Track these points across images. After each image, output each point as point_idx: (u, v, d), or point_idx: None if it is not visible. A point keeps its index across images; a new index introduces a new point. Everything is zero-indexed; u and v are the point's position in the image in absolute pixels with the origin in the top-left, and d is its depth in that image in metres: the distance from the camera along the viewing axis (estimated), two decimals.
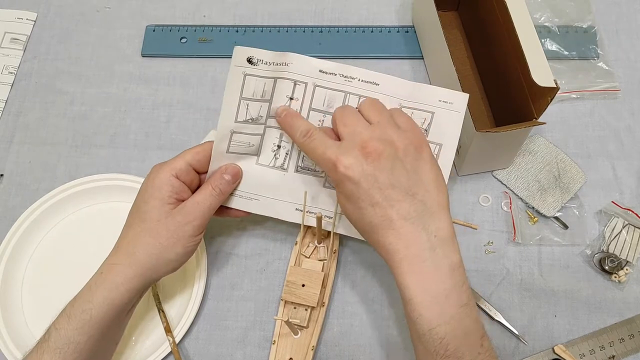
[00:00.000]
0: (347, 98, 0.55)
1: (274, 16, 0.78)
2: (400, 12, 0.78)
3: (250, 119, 0.56)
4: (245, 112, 0.55)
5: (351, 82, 0.55)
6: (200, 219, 0.54)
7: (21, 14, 0.79)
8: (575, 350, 0.58)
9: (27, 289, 0.63)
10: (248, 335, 0.61)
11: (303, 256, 0.62)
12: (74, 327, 0.49)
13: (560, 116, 0.70)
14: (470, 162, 0.64)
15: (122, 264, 0.52)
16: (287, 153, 0.57)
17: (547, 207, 0.64)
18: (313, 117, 0.56)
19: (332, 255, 0.61)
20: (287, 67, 0.55)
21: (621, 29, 0.75)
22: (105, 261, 0.53)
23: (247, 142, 0.57)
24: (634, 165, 0.67)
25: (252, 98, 0.55)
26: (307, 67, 0.55)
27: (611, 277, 0.61)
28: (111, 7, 0.80)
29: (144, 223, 0.53)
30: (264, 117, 0.56)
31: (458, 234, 0.64)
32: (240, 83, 0.55)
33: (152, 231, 0.52)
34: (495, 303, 0.61)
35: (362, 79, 0.54)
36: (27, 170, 0.70)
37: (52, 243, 0.65)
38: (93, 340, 0.50)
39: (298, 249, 0.62)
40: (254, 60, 0.54)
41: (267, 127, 0.57)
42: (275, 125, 0.56)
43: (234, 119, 0.56)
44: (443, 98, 0.54)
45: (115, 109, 0.73)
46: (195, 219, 0.53)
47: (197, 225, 0.53)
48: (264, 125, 0.56)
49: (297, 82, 0.55)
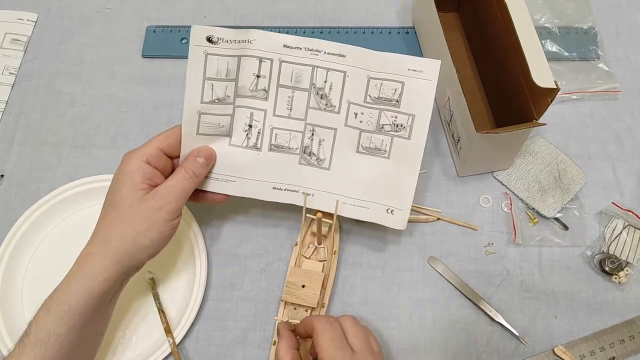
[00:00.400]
0: (315, 72, 0.54)
1: (274, 17, 0.78)
2: (401, 13, 0.78)
3: (217, 99, 0.55)
4: (211, 93, 0.54)
5: (317, 56, 0.54)
6: (175, 203, 0.53)
7: (22, 15, 0.80)
8: (575, 351, 0.58)
9: (28, 290, 0.63)
10: (248, 336, 0.61)
11: (303, 257, 0.62)
12: (54, 319, 0.49)
13: (561, 117, 0.70)
14: (471, 163, 0.64)
15: (98, 253, 0.51)
16: (259, 132, 0.56)
17: (548, 208, 0.64)
18: (282, 94, 0.55)
19: (332, 256, 0.61)
20: (251, 45, 0.53)
21: (621, 30, 0.75)
22: (82, 251, 0.53)
23: (217, 123, 0.56)
24: (634, 166, 0.67)
25: (217, 78, 0.54)
26: (271, 43, 0.54)
27: (611, 278, 0.61)
28: (112, 7, 0.80)
29: (116, 211, 0.52)
30: (231, 97, 0.55)
31: (458, 235, 0.64)
32: (202, 63, 0.54)
33: (125, 218, 0.52)
34: (495, 304, 0.61)
35: (328, 52, 0.53)
36: (27, 171, 0.70)
37: (53, 244, 0.65)
38: (74, 331, 0.49)
39: (298, 249, 0.62)
40: (213, 39, 0.53)
41: (236, 107, 0.56)
42: (245, 105, 0.56)
43: (200, 99, 0.55)
44: (412, 66, 0.53)
45: (116, 110, 0.73)
46: (170, 203, 0.53)
47: (172, 209, 0.53)
48: (233, 105, 0.56)
49: (262, 59, 0.54)
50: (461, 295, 0.61)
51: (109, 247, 0.52)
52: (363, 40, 0.75)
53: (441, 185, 0.67)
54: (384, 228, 0.65)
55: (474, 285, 0.62)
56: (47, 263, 0.64)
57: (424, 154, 0.69)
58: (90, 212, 0.66)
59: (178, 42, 0.76)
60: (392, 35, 0.76)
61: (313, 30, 0.76)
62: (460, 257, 0.63)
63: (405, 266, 0.63)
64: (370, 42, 0.75)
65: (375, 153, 0.55)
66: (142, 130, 0.72)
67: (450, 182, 0.67)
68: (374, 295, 0.62)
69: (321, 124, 0.56)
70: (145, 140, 0.70)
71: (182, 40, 0.77)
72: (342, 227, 0.64)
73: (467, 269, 0.63)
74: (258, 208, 0.66)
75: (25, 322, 0.61)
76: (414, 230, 0.65)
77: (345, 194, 0.57)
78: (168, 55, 0.76)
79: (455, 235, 0.64)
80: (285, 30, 0.76)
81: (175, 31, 0.77)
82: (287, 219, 0.66)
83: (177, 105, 0.73)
